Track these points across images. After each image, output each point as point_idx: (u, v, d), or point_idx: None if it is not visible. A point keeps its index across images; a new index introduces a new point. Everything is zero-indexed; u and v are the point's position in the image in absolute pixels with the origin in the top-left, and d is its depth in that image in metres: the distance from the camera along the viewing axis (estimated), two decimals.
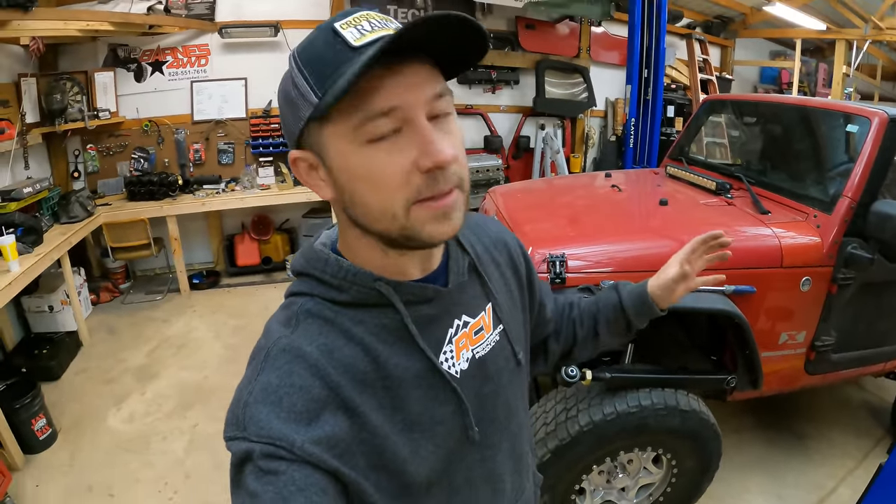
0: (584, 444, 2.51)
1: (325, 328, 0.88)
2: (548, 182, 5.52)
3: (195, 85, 6.42)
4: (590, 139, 7.98)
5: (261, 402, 0.80)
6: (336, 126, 0.80)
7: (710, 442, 2.68)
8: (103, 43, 6.09)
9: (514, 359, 1.09)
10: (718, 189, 3.31)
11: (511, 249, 1.20)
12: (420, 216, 0.82)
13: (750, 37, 9.36)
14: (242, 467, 0.79)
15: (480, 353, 1.02)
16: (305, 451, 0.77)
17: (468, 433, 0.96)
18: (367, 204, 0.83)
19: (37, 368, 4.54)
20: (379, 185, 0.81)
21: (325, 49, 0.79)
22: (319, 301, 0.91)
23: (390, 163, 0.79)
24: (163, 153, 6.43)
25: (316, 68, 0.79)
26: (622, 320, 1.36)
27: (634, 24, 6.67)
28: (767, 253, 2.73)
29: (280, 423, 0.78)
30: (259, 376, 0.83)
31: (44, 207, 5.17)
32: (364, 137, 0.79)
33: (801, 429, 3.77)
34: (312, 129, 0.83)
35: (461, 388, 0.95)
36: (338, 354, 0.86)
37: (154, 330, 5.42)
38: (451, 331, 0.98)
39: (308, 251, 0.96)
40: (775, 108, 3.82)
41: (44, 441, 3.79)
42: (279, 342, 0.86)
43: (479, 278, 1.06)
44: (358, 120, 0.78)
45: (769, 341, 2.83)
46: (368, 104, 0.77)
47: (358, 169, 0.81)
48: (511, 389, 1.08)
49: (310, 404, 0.81)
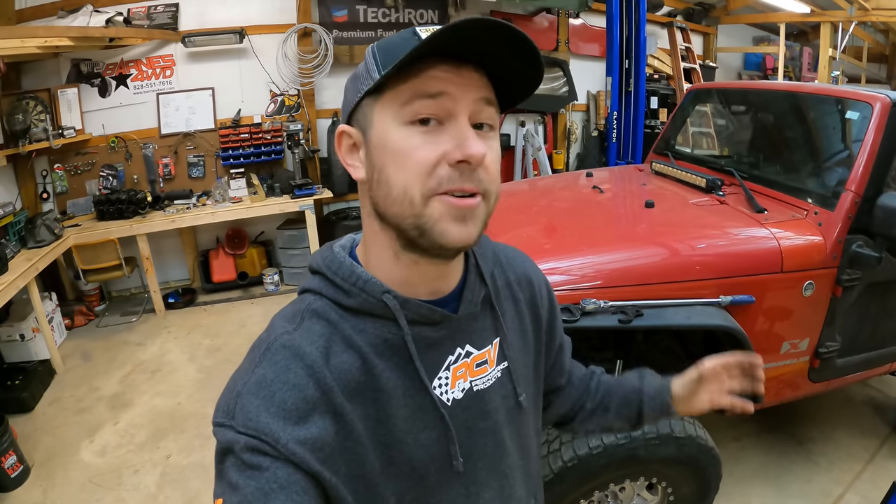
0: (568, 480, 2.33)
1: (327, 331, 0.89)
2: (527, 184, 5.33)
3: (161, 97, 6.27)
4: (572, 135, 7.87)
5: (253, 393, 0.82)
6: (386, 102, 0.84)
7: (708, 467, 2.50)
8: (66, 59, 5.94)
9: (515, 399, 1.07)
10: (709, 186, 3.14)
11: (535, 290, 1.18)
12: (437, 209, 0.83)
13: (732, 23, 9.31)
14: (225, 457, 0.80)
15: (479, 386, 1.01)
16: (289, 449, 0.78)
17: (452, 463, 0.95)
18: (390, 183, 0.84)
19: (9, 400, 4.43)
20: (406, 166, 0.82)
21: (400, 41, 0.83)
22: (327, 302, 0.93)
23: (423, 148, 0.82)
24: (131, 169, 6.29)
25: (385, 52, 0.84)
26: (635, 407, 1.31)
27: (613, 15, 6.59)
28: (766, 257, 2.55)
29: (268, 418, 0.79)
30: (256, 368, 0.85)
31: (9, 233, 5.01)
32: (407, 117, 0.82)
33: (803, 432, 3.64)
34: (366, 104, 0.87)
35: (450, 417, 0.95)
36: (335, 360, 0.87)
37: (128, 354, 5.29)
38: (450, 357, 0.97)
39: (327, 250, 0.99)
40: (766, 95, 3.64)
41: (15, 479, 3.68)
42: (281, 338, 0.88)
43: (492, 312, 1.05)
44: (407, 97, 0.82)
45: (770, 350, 2.65)
46: (419, 85, 0.81)
47: (393, 145, 0.83)
48: (509, 430, 1.06)
49: (300, 403, 0.82)
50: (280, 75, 6.43)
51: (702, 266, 2.52)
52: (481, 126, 0.86)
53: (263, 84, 6.50)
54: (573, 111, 7.85)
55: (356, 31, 6.61)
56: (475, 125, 0.85)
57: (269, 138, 6.49)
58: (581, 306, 2.31)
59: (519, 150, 7.30)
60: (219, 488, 0.80)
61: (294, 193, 6.20)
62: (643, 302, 2.37)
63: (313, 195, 6.22)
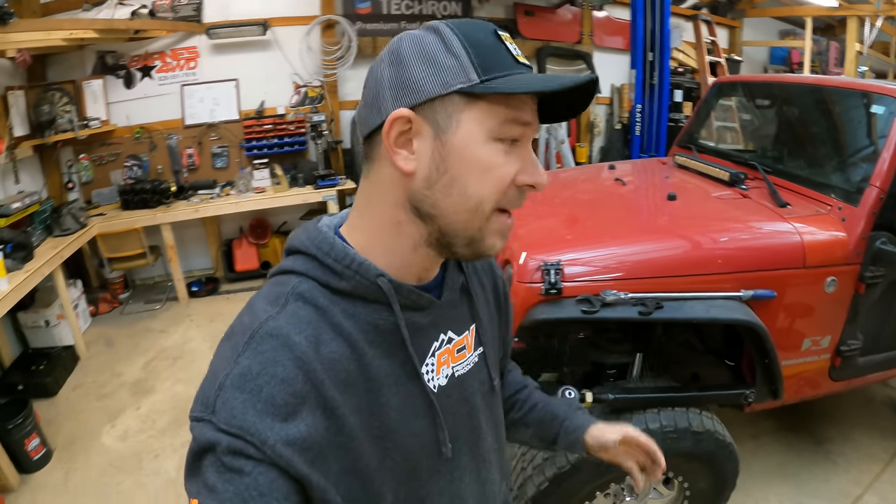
0: (585, 471, 2.33)
1: (315, 317, 0.85)
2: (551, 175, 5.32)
3: (185, 88, 6.32)
4: (595, 127, 7.80)
5: (238, 387, 0.76)
6: (483, 112, 0.83)
7: (725, 462, 2.48)
8: (91, 51, 6.00)
9: (490, 383, 1.10)
10: (732, 180, 3.09)
11: (496, 279, 1.21)
12: (495, 223, 0.87)
13: (758, 16, 9.16)
14: (203, 455, 0.75)
15: (460, 371, 1.02)
16: (276, 451, 0.74)
17: (441, 449, 0.95)
18: (465, 192, 0.84)
19: (33, 385, 4.51)
20: (488, 179, 0.84)
21: (490, 43, 0.85)
22: (314, 285, 0.88)
23: (507, 167, 0.85)
24: (156, 160, 6.34)
25: (481, 52, 0.83)
26: (551, 434, 1.33)
27: (637, 7, 6.49)
28: (788, 252, 2.51)
29: (255, 416, 0.74)
30: (240, 358, 0.79)
31: (35, 221, 5.09)
32: (500, 134, 0.84)
33: (822, 431, 3.59)
34: (451, 100, 0.83)
35: (438, 403, 0.95)
36: (325, 349, 0.83)
37: (151, 341, 5.37)
38: (435, 344, 0.98)
39: (313, 230, 0.93)
40: (791, 88, 3.55)
41: (38, 461, 3.76)
42: (266, 324, 0.82)
43: (468, 298, 1.07)
44: (508, 116, 0.83)
45: (791, 348, 2.61)
46: (520, 111, 0.84)
47: (480, 157, 0.83)
48: (484, 413, 1.08)
49: (289, 399, 0.77)
50: (303, 67, 6.45)
51: (723, 259, 2.49)
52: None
53: (287, 75, 6.52)
54: (597, 104, 7.78)
55: (379, 22, 6.59)
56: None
57: (292, 129, 6.51)
58: (601, 297, 2.30)
59: (542, 142, 7.19)
60: (193, 487, 0.76)
61: (317, 184, 6.22)
62: (663, 294, 2.35)
63: (336, 186, 6.24)
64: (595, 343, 2.69)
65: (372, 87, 0.88)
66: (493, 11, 7.02)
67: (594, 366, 2.69)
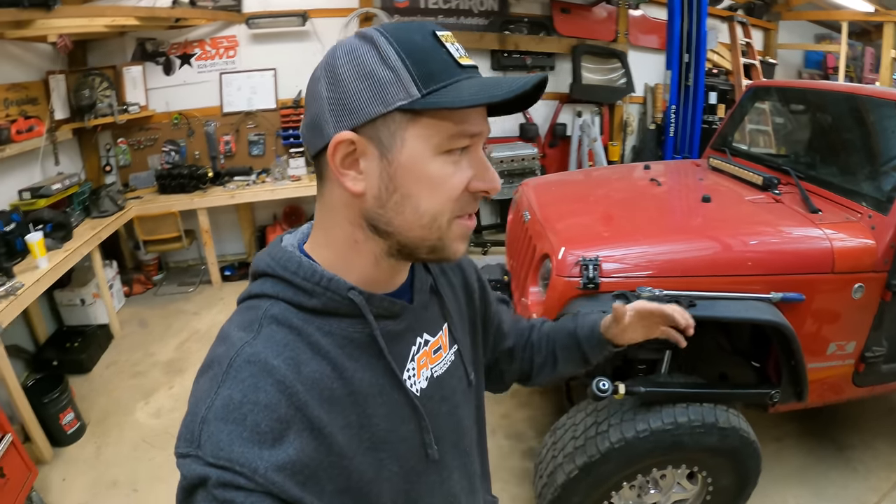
0: (614, 461, 2.39)
1: (291, 338, 0.84)
2: (583, 174, 5.34)
3: (224, 77, 6.39)
4: (628, 126, 7.75)
5: (221, 419, 0.74)
6: (426, 128, 0.81)
7: (749, 460, 2.53)
8: (131, 37, 6.10)
9: (467, 379, 1.11)
10: (765, 184, 3.11)
11: (465, 272, 1.22)
12: (455, 231, 0.87)
13: (794, 19, 9.04)
14: (195, 492, 0.73)
15: (438, 371, 1.03)
16: (268, 479, 0.72)
17: (427, 452, 0.96)
18: (418, 209, 0.83)
19: (68, 362, 4.62)
20: (440, 194, 0.83)
21: (428, 47, 0.81)
22: (286, 307, 0.87)
23: (456, 177, 0.84)
24: (193, 146, 6.44)
25: (419, 60, 0.79)
26: (577, 350, 1.35)
27: (674, 7, 6.46)
28: (818, 257, 2.54)
29: (242, 446, 0.73)
30: (220, 389, 0.77)
31: (74, 202, 5.21)
32: (446, 148, 0.82)
33: (843, 438, 3.59)
34: (392, 119, 0.81)
35: (422, 406, 0.95)
36: (305, 370, 0.81)
37: (184, 322, 5.47)
38: (413, 348, 0.98)
39: (277, 251, 0.92)
40: (826, 95, 3.55)
41: (72, 435, 3.87)
42: (243, 351, 0.80)
43: (438, 298, 1.08)
44: (454, 132, 0.81)
45: (816, 351, 2.64)
46: (467, 124, 0.82)
47: (429, 174, 0.82)
48: (463, 409, 1.09)
49: (274, 424, 0.76)
50: None
51: (754, 262, 2.54)
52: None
53: None
54: (630, 103, 7.73)
55: (417, 15, 6.58)
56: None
57: None
58: (637, 293, 2.35)
59: (575, 140, 7.21)
60: None
61: None
62: (696, 293, 2.40)
63: None
64: None
65: (312, 106, 0.86)
66: (530, 8, 7.01)
67: (624, 361, 2.73)
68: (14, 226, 4.18)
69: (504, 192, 6.42)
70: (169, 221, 5.78)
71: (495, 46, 6.83)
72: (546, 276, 2.74)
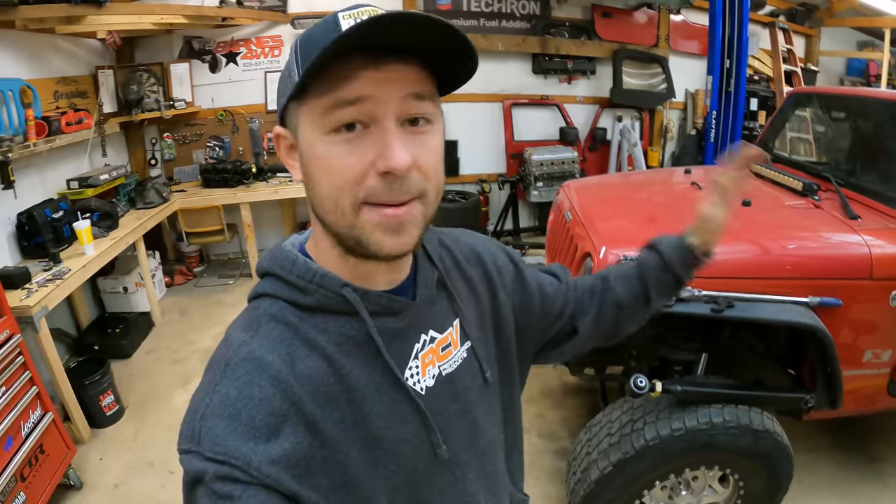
0: (648, 458, 2.42)
1: (288, 335, 0.85)
2: (624, 177, 5.34)
3: (269, 75, 6.51)
4: (668, 132, 7.68)
5: (218, 415, 0.77)
6: (309, 108, 0.79)
7: (781, 464, 2.54)
8: (178, 35, 6.25)
9: (482, 376, 1.05)
10: (805, 190, 3.10)
11: (485, 264, 1.15)
12: (369, 220, 0.80)
13: (836, 25, 8.87)
14: (195, 487, 0.76)
15: (447, 369, 0.99)
16: (262, 472, 0.74)
17: (436, 451, 0.93)
18: (321, 193, 0.81)
19: (109, 346, 4.78)
20: (333, 177, 0.79)
21: (320, 34, 0.77)
22: (283, 304, 0.89)
23: (348, 158, 0.78)
24: (237, 142, 6.58)
25: (304, 50, 0.78)
26: (669, 275, 1.27)
27: (716, 12, 6.41)
28: (856, 263, 2.53)
29: (237, 440, 0.75)
30: (217, 387, 0.80)
31: (120, 193, 5.39)
32: (329, 125, 0.77)
33: (876, 451, 3.54)
34: (292, 108, 0.82)
35: (426, 405, 0.92)
36: (300, 365, 0.83)
37: (223, 314, 5.58)
38: (417, 346, 0.95)
39: (276, 250, 0.95)
40: (868, 102, 3.52)
41: (111, 416, 4.02)
42: (240, 350, 0.83)
43: (447, 294, 1.03)
44: (327, 104, 0.76)
45: (852, 359, 2.62)
46: (339, 90, 0.75)
47: (318, 155, 0.79)
48: (479, 408, 1.04)
49: (269, 418, 0.77)
50: None
51: (792, 266, 2.54)
52: (416, 121, 0.81)
53: None
54: (670, 108, 7.67)
55: (459, 19, 6.60)
56: (411, 120, 0.80)
57: None
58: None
59: (615, 145, 7.19)
60: None
61: None
62: (735, 294, 2.41)
63: None
64: (663, 339, 2.76)
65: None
66: (571, 12, 7.02)
67: (661, 361, 2.76)
68: (62, 213, 4.34)
69: (543, 195, 6.45)
70: (212, 215, 5.90)
71: (536, 50, 6.85)
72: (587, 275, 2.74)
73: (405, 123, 0.80)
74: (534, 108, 7.18)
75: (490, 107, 6.97)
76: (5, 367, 2.97)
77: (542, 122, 7.24)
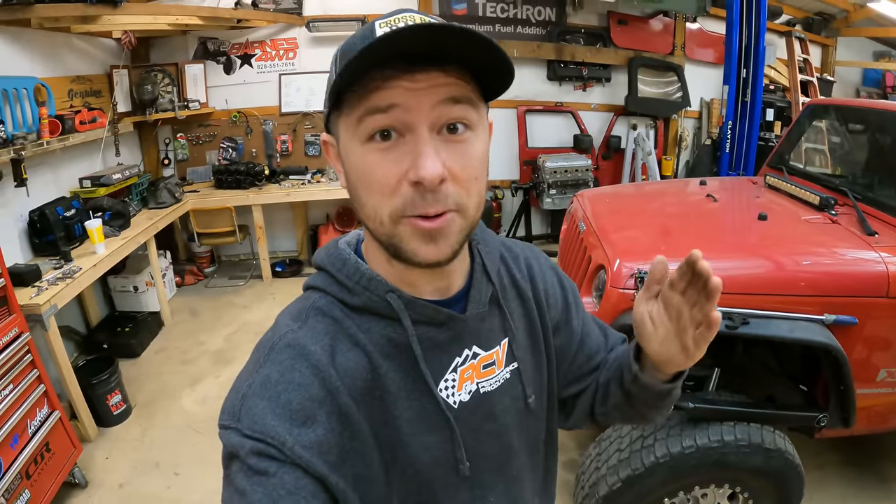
0: (658, 475, 2.39)
1: (333, 329, 0.88)
2: (638, 187, 5.30)
3: (283, 78, 6.52)
4: (683, 141, 7.63)
5: (259, 395, 0.80)
6: (345, 118, 0.79)
7: (792, 483, 2.50)
8: (193, 36, 6.29)
9: (524, 400, 1.03)
10: (822, 204, 3.06)
11: (536, 285, 1.11)
12: (406, 230, 0.79)
13: (852, 35, 8.78)
14: (232, 461, 0.78)
15: (486, 388, 0.97)
16: (296, 453, 0.76)
17: (458, 467, 0.93)
18: (362, 202, 0.82)
19: (118, 345, 4.79)
20: (370, 186, 0.79)
21: (358, 39, 0.77)
22: (332, 300, 0.91)
23: (381, 168, 0.77)
24: (251, 143, 6.61)
25: (342, 59, 0.76)
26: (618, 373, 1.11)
27: (733, 21, 6.36)
28: (872, 280, 2.48)
29: (274, 420, 0.78)
30: (261, 369, 0.83)
31: (133, 193, 5.42)
32: (364, 134, 0.77)
33: (887, 470, 3.48)
34: (333, 117, 0.83)
35: (456, 420, 0.92)
36: (340, 358, 0.85)
37: (234, 315, 5.60)
38: (458, 359, 0.94)
39: (332, 247, 0.96)
40: (887, 116, 3.45)
41: (118, 416, 4.02)
42: (286, 336, 0.86)
43: (500, 311, 1.01)
44: (360, 113, 0.76)
45: (866, 377, 2.57)
46: (371, 99, 0.75)
47: (356, 164, 0.80)
48: (517, 432, 1.02)
49: (306, 403, 0.80)
50: None
51: (807, 283, 2.49)
52: (455, 128, 0.78)
53: None
54: (685, 117, 7.62)
55: (475, 24, 6.52)
56: (449, 126, 0.78)
57: None
58: None
59: (629, 153, 7.16)
60: (226, 493, 0.78)
61: None
62: (749, 311, 2.38)
63: None
64: None
65: None
66: (587, 19, 7.00)
67: None
68: (74, 212, 4.37)
69: (556, 202, 6.42)
70: (224, 216, 5.93)
71: (552, 56, 6.82)
72: (600, 287, 2.74)
73: (442, 131, 0.78)
74: (548, 114, 7.15)
75: (504, 113, 6.93)
76: (13, 365, 2.98)
77: (557, 130, 7.21)
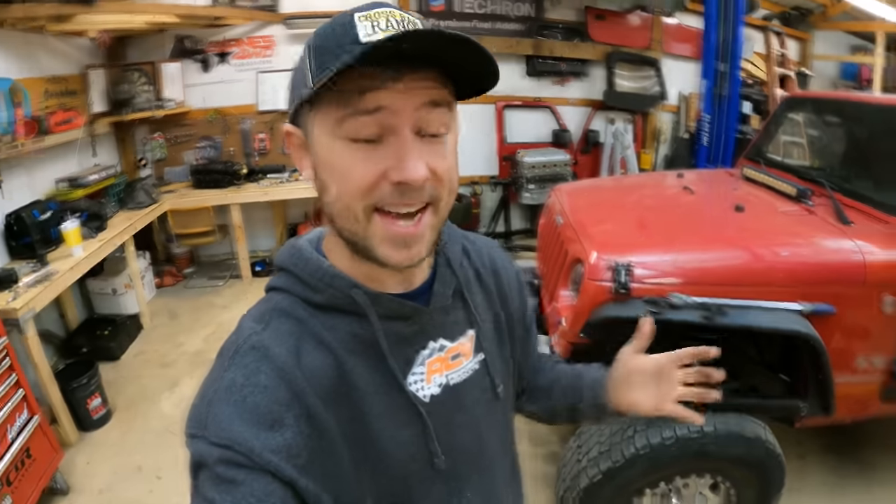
0: (638, 467, 2.40)
1: (297, 329, 0.87)
2: (616, 180, 5.33)
3: (260, 75, 6.47)
4: (661, 135, 7.68)
5: (224, 400, 0.79)
6: (322, 115, 0.79)
7: (773, 472, 2.51)
8: (170, 34, 6.21)
9: (493, 390, 1.04)
10: (799, 195, 3.09)
11: (501, 279, 1.14)
12: (378, 229, 0.81)
13: (829, 29, 8.86)
14: (199, 471, 0.77)
15: (455, 379, 0.98)
16: (264, 458, 0.75)
17: (433, 460, 0.93)
18: (333, 197, 0.82)
19: (97, 349, 4.73)
20: (346, 183, 0.79)
21: (337, 37, 0.76)
22: (295, 300, 0.90)
23: (363, 167, 0.78)
24: (228, 142, 6.56)
25: (320, 54, 0.77)
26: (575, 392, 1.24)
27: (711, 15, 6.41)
28: (849, 269, 2.51)
29: (241, 426, 0.76)
30: (225, 373, 0.82)
31: (110, 194, 5.34)
32: (345, 133, 0.77)
33: (868, 457, 3.51)
34: (303, 112, 0.83)
35: (428, 413, 0.92)
36: (306, 359, 0.84)
37: (213, 315, 5.56)
38: (424, 352, 0.94)
39: (292, 246, 0.96)
40: (862, 107, 3.50)
41: (98, 420, 3.98)
42: (250, 339, 0.85)
43: (463, 303, 1.02)
44: (343, 114, 0.76)
45: (845, 365, 2.59)
46: (356, 101, 0.75)
47: (333, 161, 0.80)
48: (486, 422, 1.03)
49: (273, 406, 0.79)
50: None
51: (785, 273, 2.52)
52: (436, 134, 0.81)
53: None
54: (663, 111, 7.66)
55: (453, 20, 6.55)
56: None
57: None
58: (668, 300, 2.35)
59: (607, 147, 7.18)
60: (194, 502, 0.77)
61: None
62: (727, 301, 2.39)
63: None
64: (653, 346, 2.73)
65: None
66: (565, 14, 6.99)
67: None
68: (50, 214, 4.30)
69: (534, 197, 6.44)
70: (202, 216, 5.88)
71: (530, 52, 6.83)
72: (577, 281, 2.74)
73: (422, 131, 0.79)
74: (526, 110, 7.16)
75: (482, 108, 6.93)
76: None
77: (535, 125, 7.22)
